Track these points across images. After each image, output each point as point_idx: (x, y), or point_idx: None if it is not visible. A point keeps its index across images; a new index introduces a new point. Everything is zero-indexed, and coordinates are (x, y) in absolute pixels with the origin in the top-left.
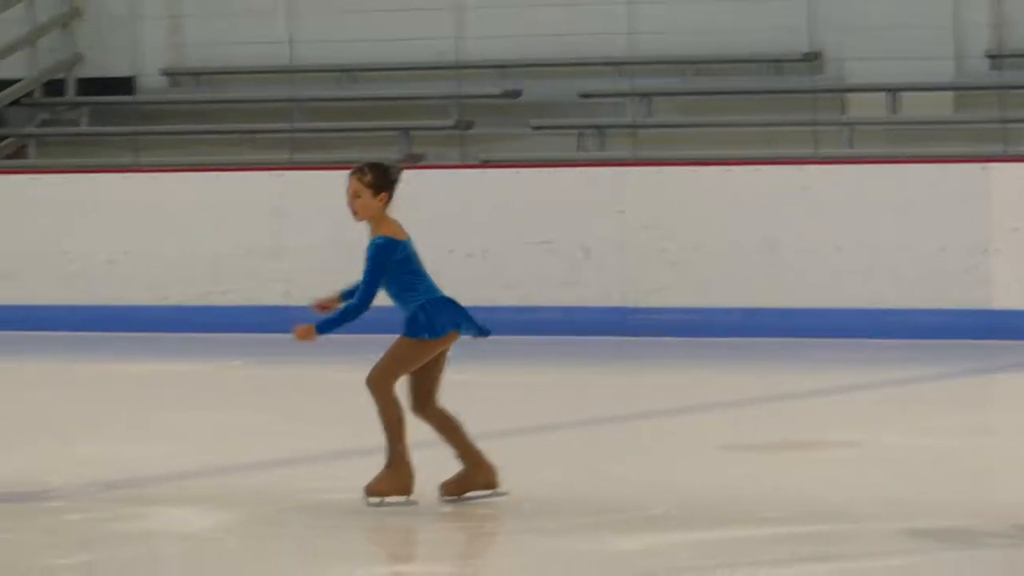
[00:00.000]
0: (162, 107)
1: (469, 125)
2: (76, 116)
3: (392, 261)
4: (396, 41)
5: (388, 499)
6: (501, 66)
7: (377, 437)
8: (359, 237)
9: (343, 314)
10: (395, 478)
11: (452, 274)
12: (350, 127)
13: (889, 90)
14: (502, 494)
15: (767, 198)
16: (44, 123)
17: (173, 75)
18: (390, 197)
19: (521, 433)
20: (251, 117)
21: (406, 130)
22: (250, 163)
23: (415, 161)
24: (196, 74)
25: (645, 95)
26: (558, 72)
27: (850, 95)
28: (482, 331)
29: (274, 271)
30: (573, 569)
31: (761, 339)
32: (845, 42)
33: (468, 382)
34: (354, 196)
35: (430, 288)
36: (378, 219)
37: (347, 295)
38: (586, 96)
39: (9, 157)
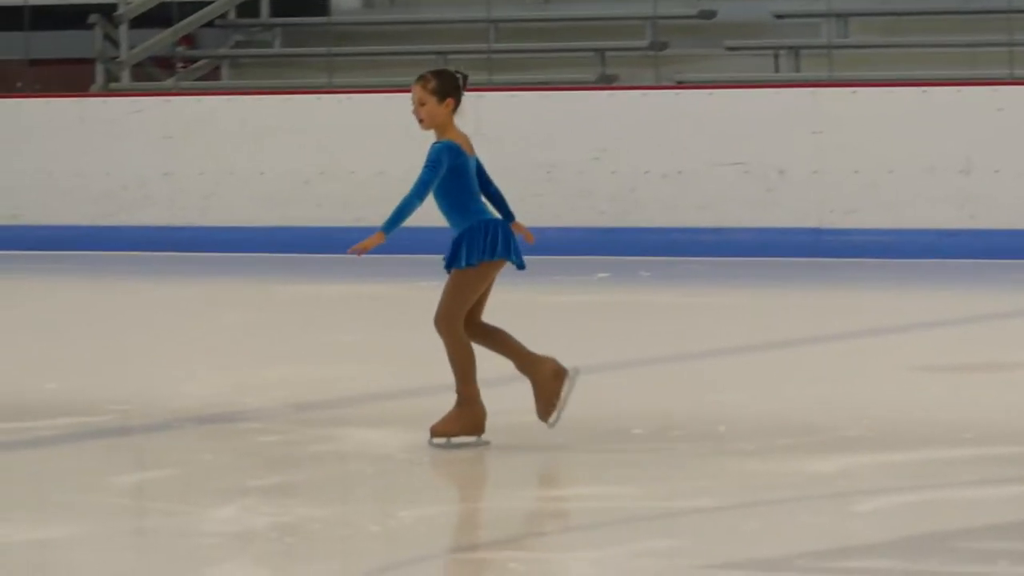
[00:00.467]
0: (356, 28)
1: (663, 46)
2: (270, 37)
3: (450, 167)
4: None
5: (455, 439)
6: None
7: (565, 358)
8: (556, 157)
9: (399, 210)
10: (466, 418)
11: (647, 194)
12: (545, 48)
13: None
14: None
15: (962, 119)
16: (238, 44)
17: None
18: (457, 103)
19: (714, 355)
20: (446, 38)
21: (600, 51)
22: None
23: (609, 82)
24: None
25: (840, 15)
26: None
27: None
28: (521, 264)
29: None
30: (772, 491)
31: (954, 260)
32: None
33: (664, 303)
34: (420, 104)
35: (480, 210)
36: (444, 127)
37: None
38: (781, 16)
39: (203, 78)
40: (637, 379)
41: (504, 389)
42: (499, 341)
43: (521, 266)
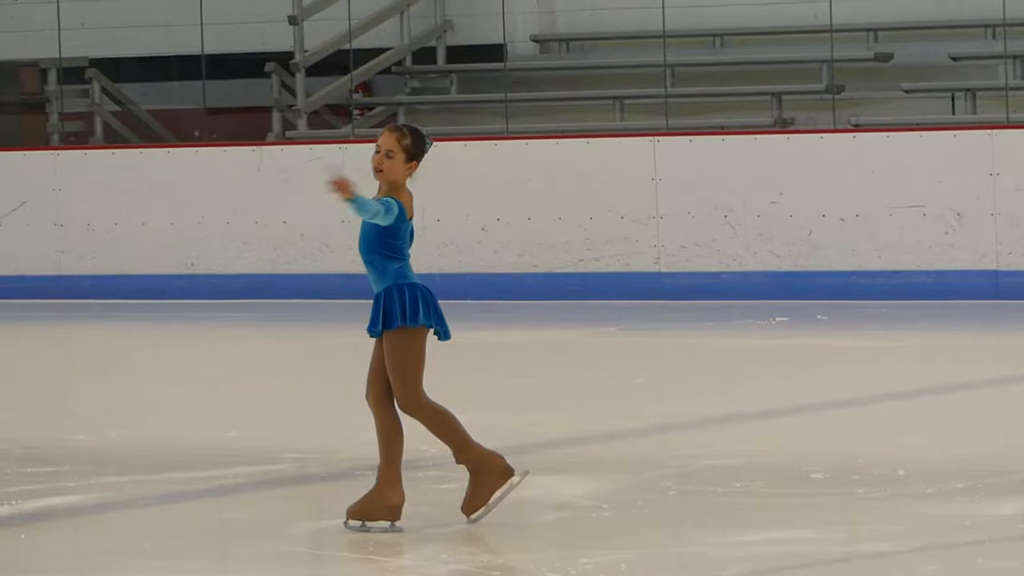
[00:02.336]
0: (532, 74)
1: (840, 89)
2: (446, 84)
3: (394, 223)
4: (766, 5)
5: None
6: (872, 29)
7: (744, 402)
8: (733, 201)
9: (366, 203)
10: (487, 478)
11: (824, 237)
12: (721, 91)
13: None
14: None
15: None
16: (414, 91)
17: (543, 42)
18: (415, 168)
19: (893, 398)
20: (621, 83)
21: (777, 94)
22: (622, 128)
23: (786, 125)
24: (565, 40)
25: (1018, 57)
26: (929, 34)
27: None
28: (446, 335)
29: (648, 238)
30: (953, 534)
31: None
32: None
33: (842, 347)
34: (385, 154)
35: (405, 274)
36: (398, 186)
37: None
38: (957, 59)
39: (379, 125)
40: (815, 422)
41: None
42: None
43: (444, 336)
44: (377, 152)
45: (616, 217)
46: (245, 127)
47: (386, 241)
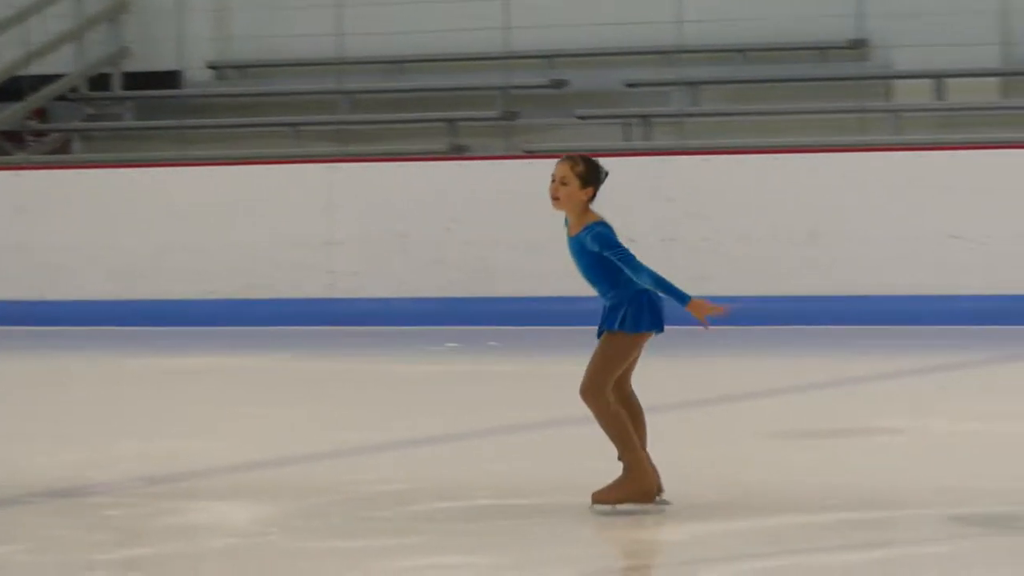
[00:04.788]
0: (208, 100)
1: (515, 116)
2: (121, 110)
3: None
4: (443, 32)
5: (620, 506)
6: (547, 56)
7: (425, 427)
8: (408, 228)
9: (658, 279)
10: (631, 484)
11: (498, 263)
12: (397, 119)
13: (935, 76)
14: (665, 503)
15: (812, 185)
16: (89, 117)
17: (219, 68)
18: (594, 195)
19: (561, 423)
20: (297, 110)
21: (452, 121)
22: (298, 156)
23: (461, 152)
24: (242, 67)
25: (691, 84)
26: (604, 62)
27: (896, 82)
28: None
29: (321, 264)
30: (624, 559)
31: (809, 327)
32: (891, 29)
33: (512, 372)
34: (560, 183)
35: (630, 280)
36: (580, 212)
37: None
38: (632, 85)
39: (54, 152)
40: (487, 447)
41: (346, 460)
42: (635, 421)
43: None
44: (553, 181)
45: (290, 243)
46: None
47: (607, 264)
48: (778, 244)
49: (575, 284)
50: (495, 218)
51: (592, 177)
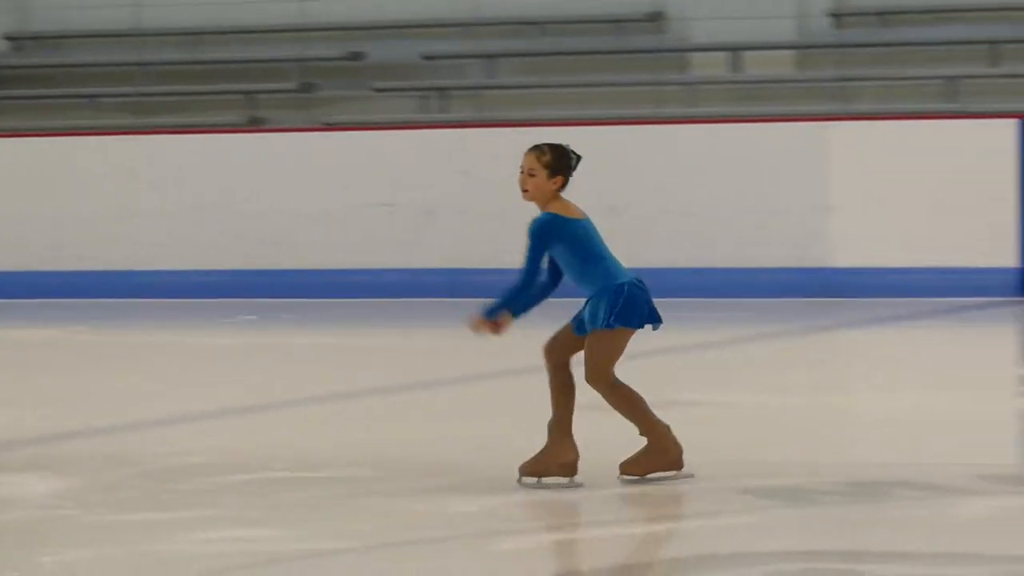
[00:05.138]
0: (6, 72)
1: (312, 88)
2: None
3: (558, 240)
4: (240, 3)
5: (648, 476)
6: (344, 28)
7: (223, 400)
8: (205, 201)
9: (505, 297)
10: (654, 454)
11: (297, 235)
12: (194, 91)
13: (731, 49)
14: (690, 475)
15: (610, 158)
16: None
17: (17, 39)
18: (565, 182)
19: (361, 395)
20: (95, 81)
21: (249, 93)
22: (97, 127)
23: (258, 124)
24: (40, 38)
25: (488, 56)
26: (401, 34)
27: (692, 55)
28: (656, 324)
29: (125, 235)
30: (415, 531)
31: None
32: (687, 2)
33: (312, 344)
34: (528, 174)
35: (608, 273)
36: (548, 201)
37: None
38: (429, 58)
39: None
40: (281, 420)
41: (145, 432)
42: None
43: (658, 323)
44: (521, 172)
45: (91, 215)
46: None
47: (573, 259)
48: None
49: (372, 256)
50: (293, 190)
51: (560, 165)
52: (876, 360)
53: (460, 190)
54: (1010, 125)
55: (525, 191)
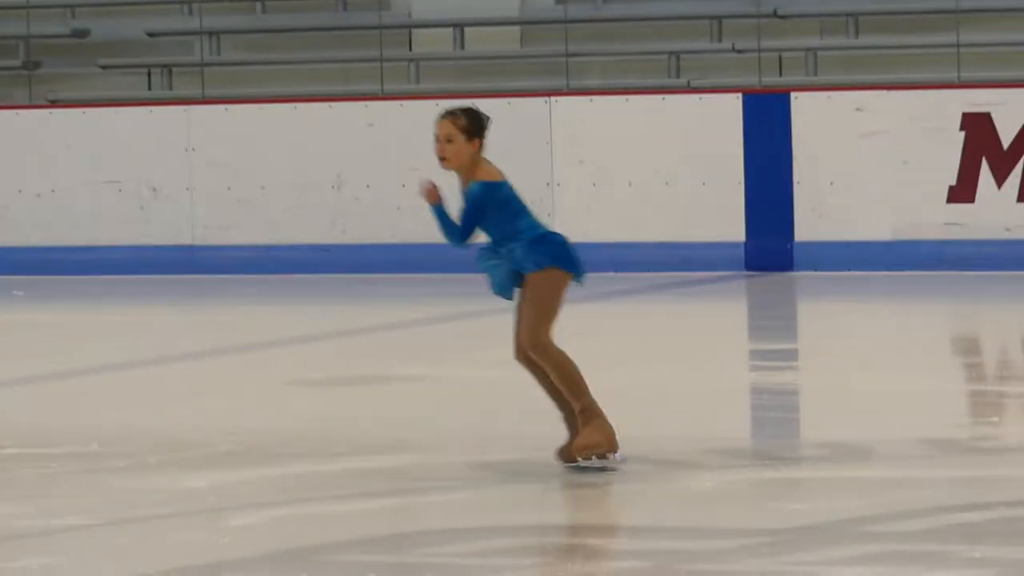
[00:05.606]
0: None
1: (37, 65)
2: None
3: (494, 206)
4: None
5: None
6: (69, 5)
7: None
8: None
9: (447, 225)
10: (596, 432)
11: (21, 213)
12: None
13: (455, 25)
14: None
15: (335, 135)
16: None
17: None
18: (482, 145)
19: (91, 373)
20: None
21: None
22: None
23: None
24: None
25: (212, 33)
26: (126, 11)
27: (417, 31)
28: (582, 275)
29: None
30: (145, 507)
31: (329, 275)
32: None
33: (40, 322)
34: (446, 140)
35: (533, 225)
36: (470, 166)
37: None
38: (154, 35)
39: None
40: (11, 398)
41: None
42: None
43: (582, 277)
44: (437, 142)
45: None
46: None
47: (500, 219)
48: (302, 192)
49: (99, 233)
50: (17, 169)
51: (476, 127)
52: (606, 335)
53: (184, 167)
54: (736, 100)
55: (443, 159)
